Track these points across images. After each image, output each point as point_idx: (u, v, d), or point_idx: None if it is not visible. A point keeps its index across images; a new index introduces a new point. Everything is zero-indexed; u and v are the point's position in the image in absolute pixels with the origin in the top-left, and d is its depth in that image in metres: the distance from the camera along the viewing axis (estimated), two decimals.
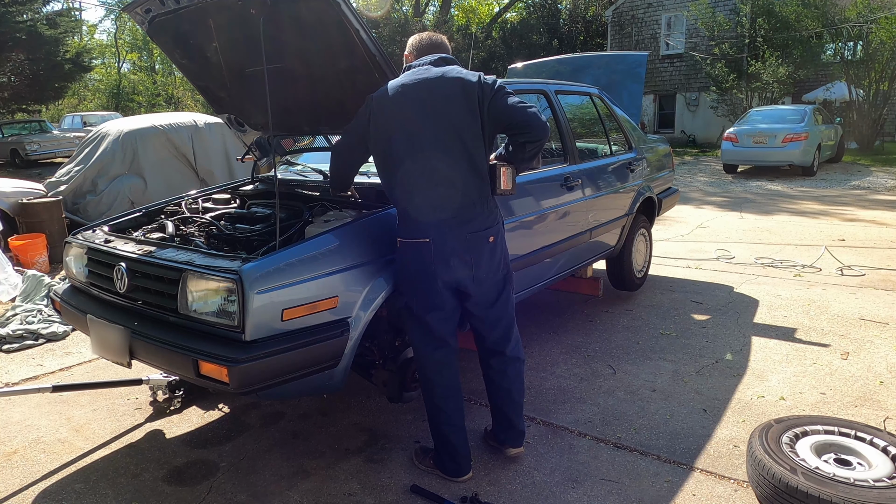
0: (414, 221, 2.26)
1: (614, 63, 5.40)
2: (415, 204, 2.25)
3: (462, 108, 2.21)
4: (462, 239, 2.25)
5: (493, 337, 2.45)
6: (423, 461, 2.53)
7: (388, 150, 2.27)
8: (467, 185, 2.24)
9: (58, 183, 7.33)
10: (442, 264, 2.25)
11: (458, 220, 2.25)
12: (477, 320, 2.43)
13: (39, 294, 4.70)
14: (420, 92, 2.23)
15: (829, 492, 1.97)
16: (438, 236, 2.24)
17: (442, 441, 2.42)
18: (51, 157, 16.91)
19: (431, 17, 29.05)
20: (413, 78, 2.26)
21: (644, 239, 4.87)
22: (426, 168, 2.22)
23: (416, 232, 2.26)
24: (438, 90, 2.23)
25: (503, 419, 2.54)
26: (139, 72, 40.61)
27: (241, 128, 3.40)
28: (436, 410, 2.41)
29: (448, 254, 2.25)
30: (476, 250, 2.28)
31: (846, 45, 16.92)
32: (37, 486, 2.49)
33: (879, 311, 4.30)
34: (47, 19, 17.40)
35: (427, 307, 2.32)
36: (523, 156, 2.32)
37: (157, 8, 2.75)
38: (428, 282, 2.28)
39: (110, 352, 2.48)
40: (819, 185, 11.24)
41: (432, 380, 2.39)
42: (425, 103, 2.21)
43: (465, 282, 2.31)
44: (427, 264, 2.26)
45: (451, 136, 2.21)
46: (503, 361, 2.48)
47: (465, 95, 2.21)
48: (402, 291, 2.40)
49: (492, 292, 2.38)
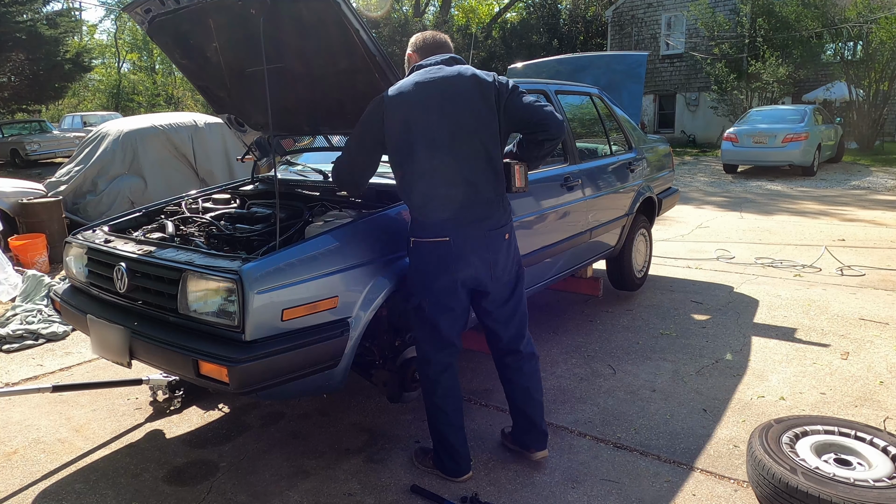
0: (432, 220, 2.24)
1: (614, 63, 5.40)
2: (433, 203, 2.24)
3: (480, 107, 2.22)
4: (481, 237, 2.26)
5: (509, 334, 2.45)
6: (422, 461, 2.53)
7: (404, 150, 2.24)
8: (485, 183, 2.26)
9: (58, 183, 7.33)
10: (462, 263, 2.25)
11: (477, 218, 2.26)
12: (492, 319, 2.43)
13: (39, 294, 4.70)
14: (436, 90, 2.22)
15: (829, 492, 1.97)
16: (458, 235, 2.24)
17: (442, 441, 2.42)
18: (51, 157, 16.92)
19: (431, 17, 29.05)
20: (427, 77, 2.24)
21: (644, 239, 4.87)
22: (445, 167, 2.22)
23: (435, 231, 2.24)
24: (455, 89, 2.22)
25: (525, 421, 2.52)
26: (139, 72, 40.63)
27: (241, 128, 3.40)
28: (436, 410, 2.41)
29: (468, 252, 2.25)
30: (494, 248, 2.30)
31: (846, 45, 16.92)
32: (37, 486, 2.49)
33: (879, 311, 4.30)
34: (47, 19, 17.41)
35: (440, 308, 2.31)
36: (539, 153, 2.37)
37: (157, 8, 2.75)
38: (445, 282, 2.27)
39: (110, 352, 2.48)
40: (819, 185, 11.24)
41: (435, 380, 2.38)
42: (443, 102, 2.21)
43: (484, 280, 2.31)
44: (446, 263, 2.25)
45: (470, 135, 2.22)
46: (519, 359, 2.48)
47: (482, 94, 2.23)
48: (413, 292, 2.37)
49: (506, 289, 2.39)
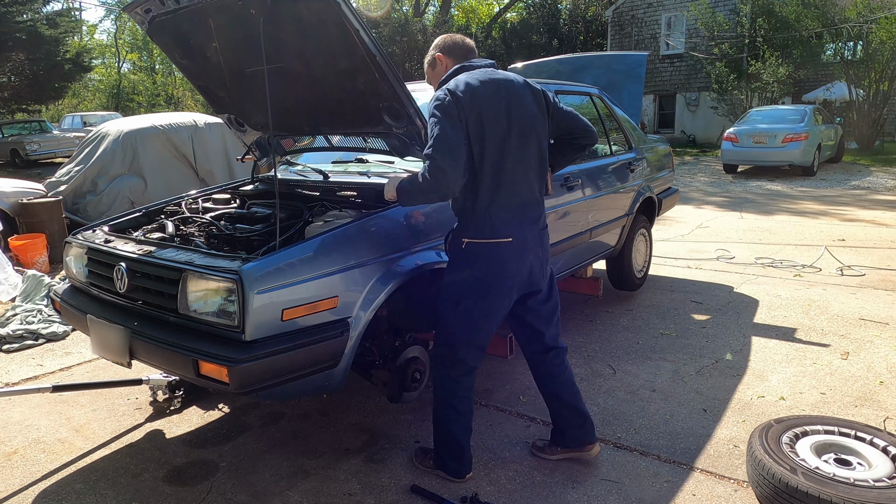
0: (496, 220, 2.24)
1: (614, 63, 5.40)
2: (498, 203, 2.24)
3: (535, 111, 2.29)
4: (535, 236, 2.33)
5: (550, 332, 2.48)
6: (423, 462, 2.53)
7: (476, 148, 2.20)
8: (538, 183, 2.34)
9: (58, 183, 7.33)
10: (521, 263, 2.29)
11: (532, 219, 2.32)
12: (538, 316, 2.45)
13: (39, 294, 4.70)
14: (497, 92, 2.23)
15: (829, 492, 1.97)
16: (520, 235, 2.27)
17: (449, 442, 2.41)
18: (51, 157, 16.93)
19: (431, 17, 29.05)
20: (485, 77, 2.24)
21: (644, 239, 4.87)
22: (511, 166, 2.24)
23: (498, 232, 2.24)
24: (514, 92, 2.26)
25: (577, 416, 2.52)
26: (139, 72, 40.64)
27: (241, 128, 3.40)
28: (450, 412, 2.39)
29: (527, 252, 2.30)
30: (545, 246, 2.39)
31: (846, 45, 16.92)
32: (37, 486, 2.49)
33: (879, 311, 4.30)
34: (47, 19, 17.41)
35: (489, 310, 2.30)
36: (574, 157, 2.56)
37: (157, 8, 2.74)
38: (500, 283, 2.27)
39: (110, 352, 2.48)
40: (819, 185, 11.24)
41: (458, 382, 2.37)
42: (507, 104, 2.23)
43: (538, 278, 2.37)
44: (507, 265, 2.26)
45: (530, 137, 2.27)
46: (559, 353, 2.52)
47: (535, 100, 2.30)
48: (462, 295, 2.29)
49: (549, 287, 2.45)
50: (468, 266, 2.29)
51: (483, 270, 2.27)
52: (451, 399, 2.38)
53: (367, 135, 2.94)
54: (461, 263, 2.31)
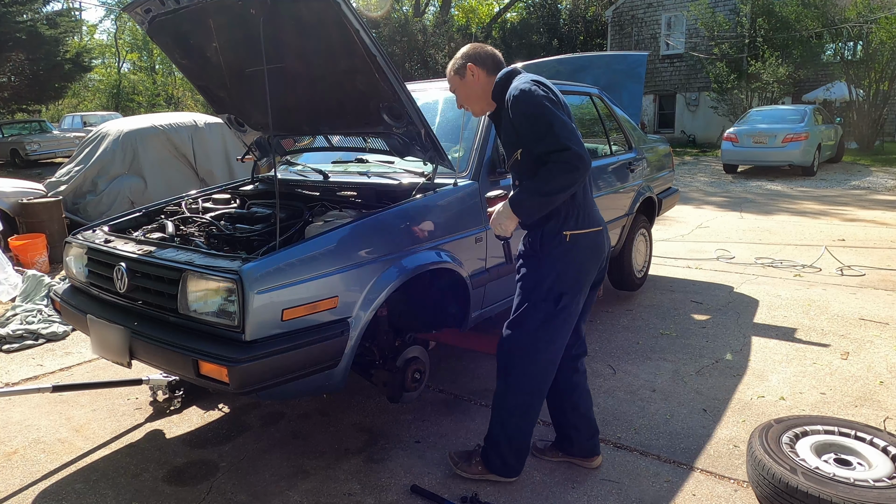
0: (590, 212, 2.30)
1: (614, 63, 5.40)
2: (590, 195, 2.33)
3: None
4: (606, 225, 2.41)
5: (582, 332, 2.50)
6: (468, 469, 2.43)
7: None
8: None
9: (58, 183, 7.33)
10: (606, 251, 2.36)
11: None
12: (584, 313, 2.44)
13: (39, 294, 4.70)
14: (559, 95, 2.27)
15: (829, 492, 1.97)
16: (604, 222, 2.36)
17: (519, 440, 2.37)
18: (51, 157, 16.93)
19: (431, 17, 29.06)
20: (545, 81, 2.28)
21: (644, 239, 4.87)
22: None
23: (594, 222, 2.29)
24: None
25: (589, 426, 2.50)
26: (139, 72, 40.66)
27: (241, 128, 3.40)
28: (529, 410, 2.36)
29: (608, 240, 2.39)
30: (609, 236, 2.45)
31: (846, 45, 16.93)
32: (37, 486, 2.49)
33: (879, 311, 4.30)
34: (47, 19, 17.43)
35: (579, 301, 2.33)
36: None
37: (157, 8, 2.74)
38: (593, 271, 2.33)
39: (110, 352, 2.48)
40: (819, 185, 11.24)
41: (550, 374, 2.36)
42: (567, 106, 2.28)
43: (605, 265, 2.42)
44: (599, 253, 2.32)
45: None
46: (584, 361, 2.54)
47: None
48: (563, 289, 2.25)
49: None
50: (569, 257, 2.25)
51: (582, 260, 2.27)
52: (538, 394, 2.35)
53: (367, 135, 2.95)
54: (564, 258, 2.24)
